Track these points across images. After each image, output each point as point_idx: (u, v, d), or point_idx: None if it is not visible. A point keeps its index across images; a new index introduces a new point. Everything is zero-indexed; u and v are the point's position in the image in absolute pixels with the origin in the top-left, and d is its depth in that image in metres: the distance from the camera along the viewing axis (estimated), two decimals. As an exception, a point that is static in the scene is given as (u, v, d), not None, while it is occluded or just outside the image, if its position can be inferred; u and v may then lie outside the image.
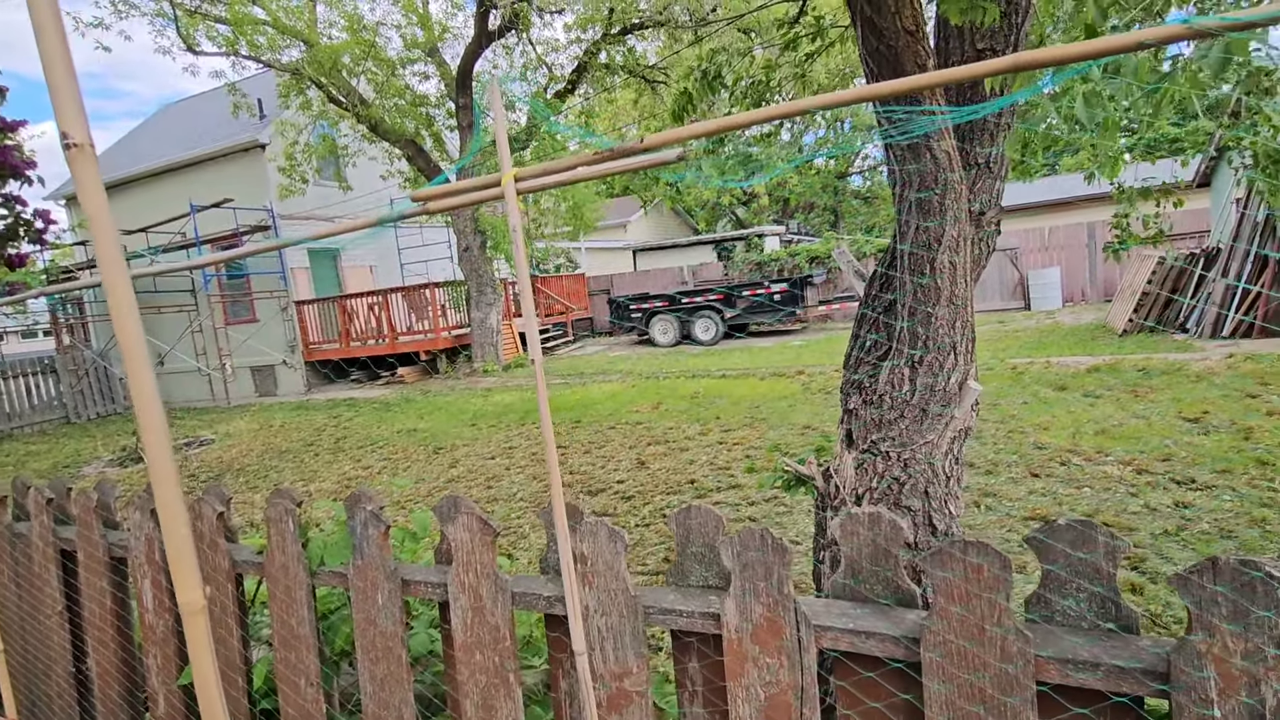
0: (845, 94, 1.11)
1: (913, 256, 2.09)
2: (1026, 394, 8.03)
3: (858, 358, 2.29)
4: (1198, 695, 0.93)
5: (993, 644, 1.05)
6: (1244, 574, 0.91)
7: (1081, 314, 15.37)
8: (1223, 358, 9.09)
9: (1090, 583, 1.07)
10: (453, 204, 1.02)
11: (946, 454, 2.00)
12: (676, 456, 6.58)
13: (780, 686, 1.19)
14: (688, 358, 14.40)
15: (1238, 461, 5.04)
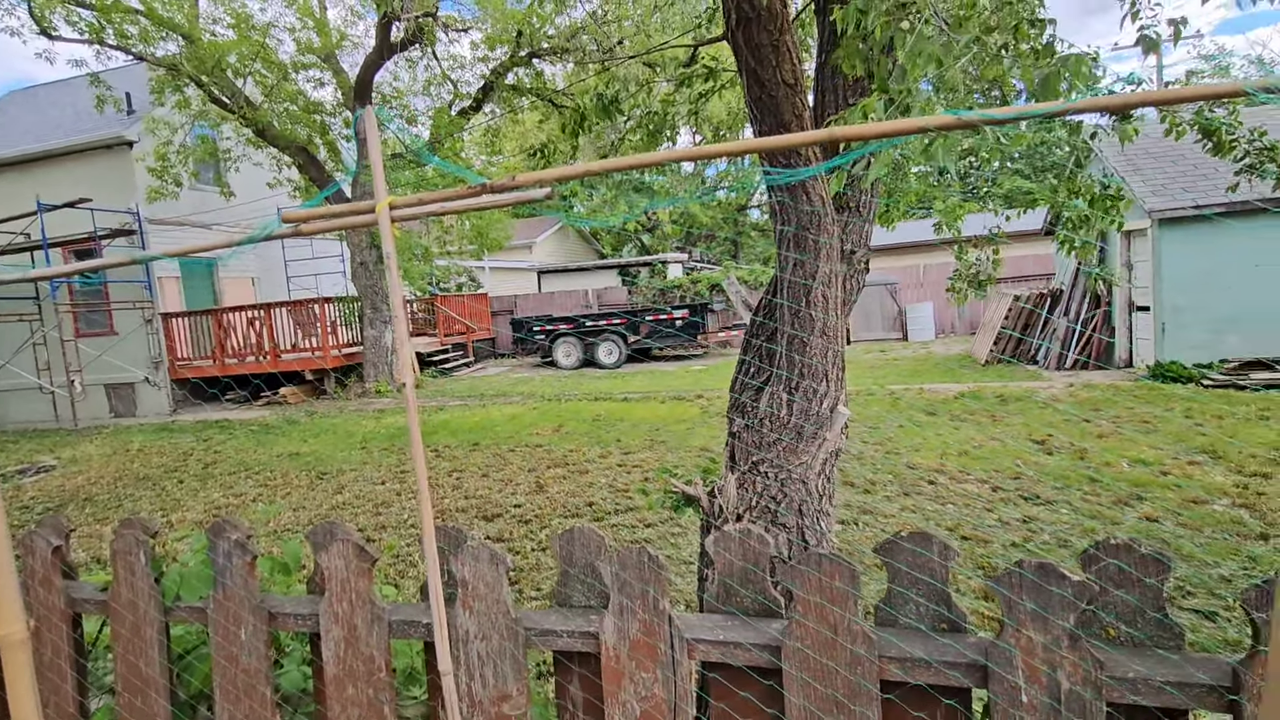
0: (713, 148, 1.21)
1: (791, 288, 2.25)
2: (903, 418, 8.68)
3: (742, 382, 2.42)
4: (1009, 683, 1.06)
5: (843, 647, 1.14)
6: (1047, 575, 1.05)
7: (951, 345, 16.83)
8: (1065, 387, 10.25)
9: (928, 589, 1.19)
10: (325, 227, 1.01)
11: (820, 474, 2.15)
12: (576, 479, 6.56)
13: (655, 701, 1.23)
14: (590, 380, 14.43)
15: (1073, 479, 5.69)
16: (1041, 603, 1.05)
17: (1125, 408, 8.46)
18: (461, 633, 1.35)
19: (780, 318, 2.29)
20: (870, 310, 19.41)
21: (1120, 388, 9.82)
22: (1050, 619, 1.04)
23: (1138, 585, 1.09)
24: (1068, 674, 1.04)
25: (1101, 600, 1.12)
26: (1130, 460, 6.11)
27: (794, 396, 2.16)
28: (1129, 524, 4.63)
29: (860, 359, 15.90)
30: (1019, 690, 1.06)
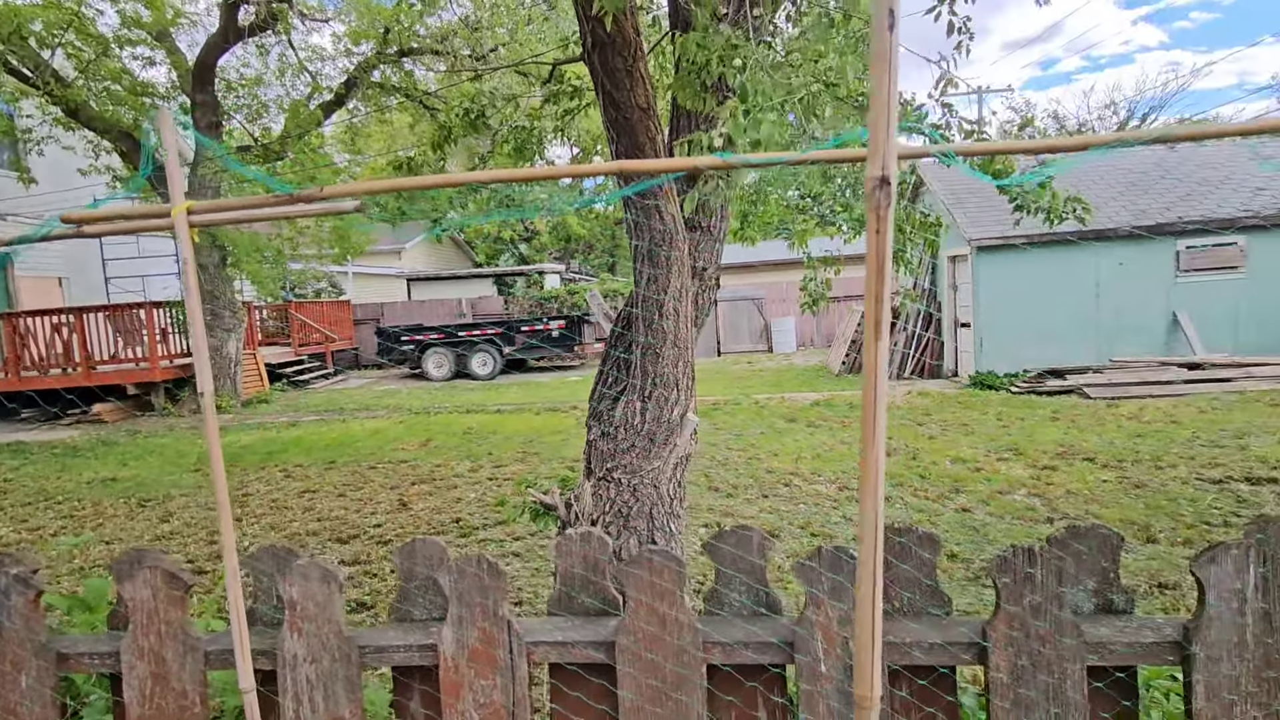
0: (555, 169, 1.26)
1: (645, 302, 2.36)
2: (764, 425, 9.22)
3: (600, 392, 2.49)
4: (812, 656, 1.19)
5: (672, 634, 1.22)
6: (839, 557, 1.19)
7: (810, 357, 18.12)
8: (904, 395, 11.38)
9: (748, 579, 1.31)
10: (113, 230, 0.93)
11: (670, 478, 2.26)
12: (443, 495, 6.34)
13: (494, 708, 1.25)
14: (463, 392, 14.00)
15: (907, 477, 6.34)
16: (836, 583, 1.19)
17: (951, 413, 9.54)
18: (289, 657, 1.29)
19: (636, 330, 2.39)
20: (738, 324, 20.46)
21: (947, 395, 11.07)
22: (844, 596, 1.19)
23: (915, 559, 1.26)
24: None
25: (889, 575, 1.28)
26: (952, 459, 6.91)
27: (648, 405, 2.26)
28: (948, 514, 5.24)
29: (729, 370, 16.69)
30: (818, 662, 1.19)
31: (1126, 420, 8.40)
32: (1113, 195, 12.48)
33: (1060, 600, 1.15)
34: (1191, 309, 11.53)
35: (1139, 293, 11.68)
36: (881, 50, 0.80)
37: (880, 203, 0.82)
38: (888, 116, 0.80)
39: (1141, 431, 7.70)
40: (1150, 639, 1.15)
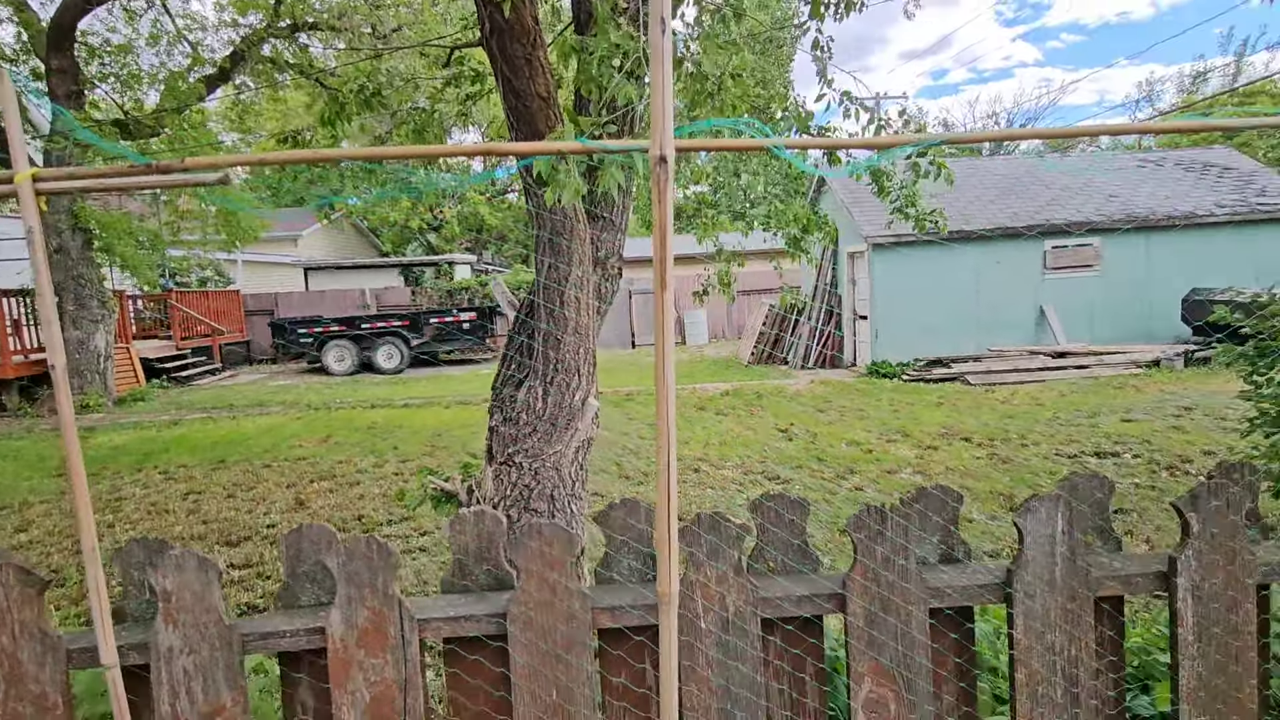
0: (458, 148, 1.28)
1: (547, 290, 2.39)
2: (676, 414, 9.43)
3: (504, 378, 2.50)
4: (692, 613, 1.28)
5: (563, 601, 1.28)
6: (717, 523, 1.29)
7: (722, 348, 18.64)
8: (808, 383, 11.95)
9: (636, 547, 1.38)
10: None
11: (573, 462, 2.31)
12: (345, 492, 6.10)
13: (385, 684, 1.26)
14: (368, 387, 13.43)
15: (807, 460, 6.70)
16: (714, 545, 1.28)
17: (848, 400, 10.13)
18: (164, 649, 1.24)
19: (538, 317, 2.41)
20: (652, 316, 20.72)
21: (846, 383, 11.73)
22: (722, 557, 1.28)
23: (787, 523, 1.38)
24: (734, 599, 1.28)
25: (765, 538, 1.39)
26: (848, 442, 7.36)
27: (550, 390, 2.30)
28: (843, 493, 5.60)
29: (643, 362, 16.90)
30: (699, 615, 1.28)
31: (1000, 404, 9.23)
32: (991, 199, 13.60)
33: (906, 552, 1.29)
34: (1056, 303, 12.78)
35: (1012, 289, 12.81)
36: (657, 50, 0.91)
37: (660, 178, 0.95)
38: (663, 107, 0.91)
39: (1012, 413, 8.49)
40: (981, 581, 1.32)
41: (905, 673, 1.29)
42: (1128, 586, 1.33)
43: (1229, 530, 1.30)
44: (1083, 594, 1.30)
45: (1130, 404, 8.65)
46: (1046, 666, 1.30)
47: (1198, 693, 1.30)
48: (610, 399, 10.99)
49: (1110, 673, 1.37)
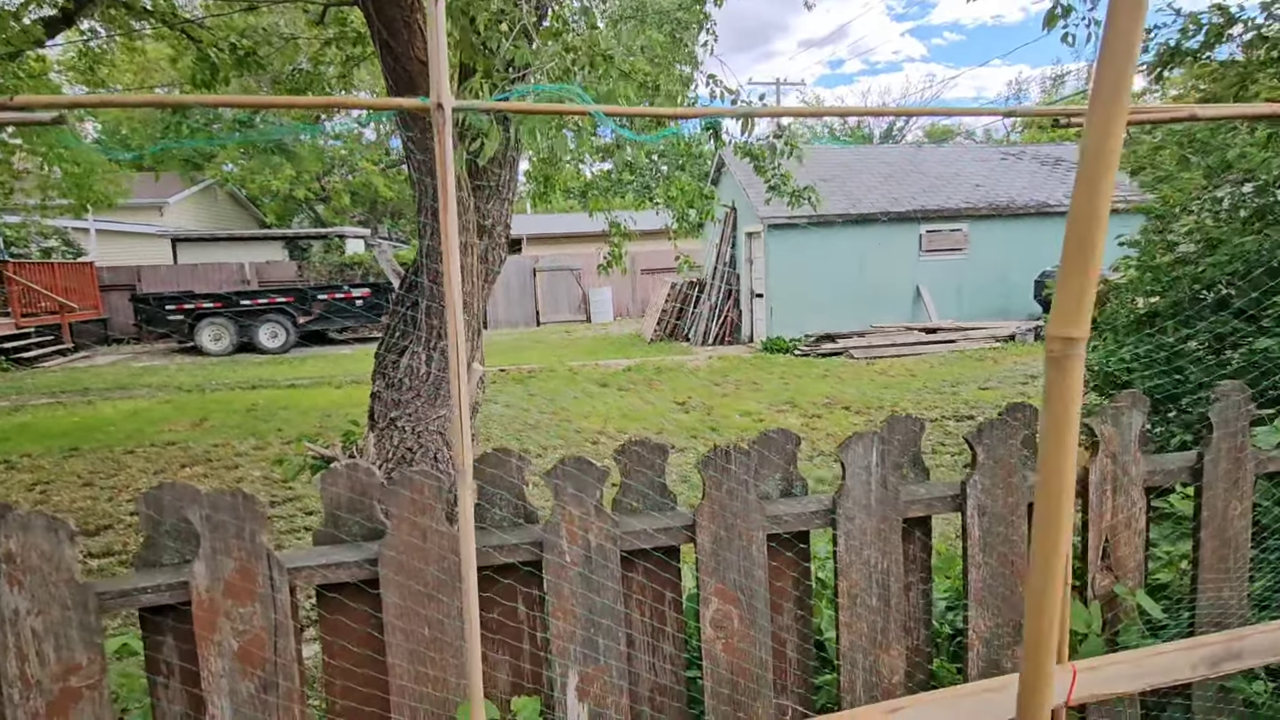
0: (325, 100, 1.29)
1: (429, 257, 2.40)
2: (578, 390, 9.54)
3: (388, 346, 2.50)
4: (557, 551, 1.39)
5: (434, 544, 1.35)
6: (580, 465, 1.40)
7: (626, 326, 18.86)
8: (707, 359, 12.38)
9: (509, 493, 1.47)
10: None
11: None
12: (222, 476, 5.77)
13: (255, 630, 1.29)
14: (249, 367, 12.59)
15: (701, 430, 7.01)
16: (578, 485, 1.40)
17: (744, 373, 10.61)
18: (9, 613, 1.21)
19: (421, 285, 2.42)
20: (557, 294, 20.62)
21: (743, 358, 12.26)
22: (585, 500, 1.40)
23: (649, 466, 1.52)
24: (595, 535, 1.41)
25: (630, 480, 1.52)
26: (740, 413, 7.75)
27: (433, 355, 2.33)
28: (732, 460, 5.93)
29: (548, 339, 16.83)
30: (564, 553, 1.40)
31: (878, 375, 9.99)
32: (874, 185, 14.51)
33: (748, 486, 1.47)
34: (929, 283, 13.89)
35: (893, 268, 13.79)
36: (435, 14, 1.02)
37: (439, 123, 1.13)
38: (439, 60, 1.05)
39: (888, 384, 9.22)
40: (812, 509, 1.52)
41: (746, 592, 1.47)
42: (930, 508, 1.57)
43: (1007, 459, 1.56)
44: (893, 516, 1.52)
45: (988, 374, 9.62)
46: (864, 578, 1.52)
47: (982, 594, 1.57)
48: (513, 376, 10.92)
49: (920, 582, 1.62)
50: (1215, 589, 1.65)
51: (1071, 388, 0.50)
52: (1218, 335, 3.50)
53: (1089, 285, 0.48)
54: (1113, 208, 2.55)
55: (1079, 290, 0.48)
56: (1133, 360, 3.55)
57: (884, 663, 1.55)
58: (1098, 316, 4.17)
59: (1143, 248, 4.21)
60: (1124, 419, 1.60)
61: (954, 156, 16.21)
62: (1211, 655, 1.17)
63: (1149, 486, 1.65)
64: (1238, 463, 1.65)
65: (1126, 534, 1.62)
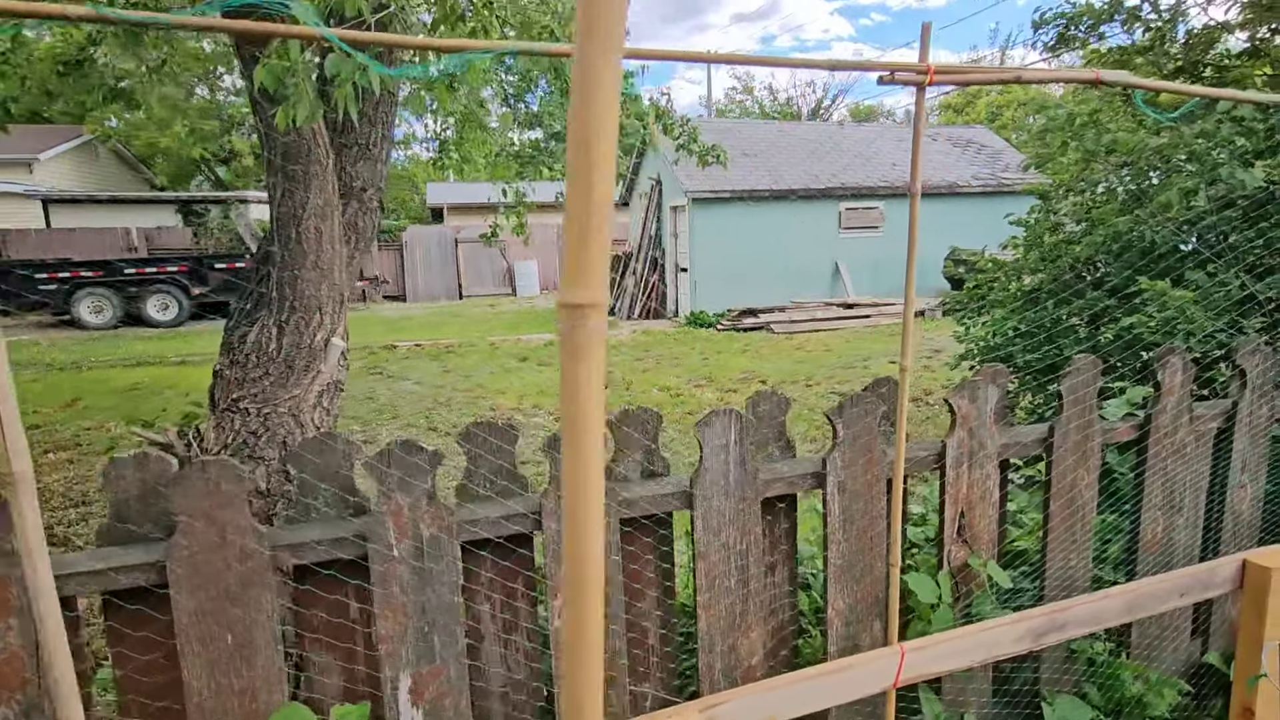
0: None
1: (281, 220, 2.17)
2: (495, 365, 9.28)
3: (237, 319, 2.26)
4: (384, 544, 1.27)
5: (235, 541, 1.19)
6: (408, 449, 1.27)
7: (552, 299, 18.54)
8: (631, 333, 12.32)
9: (333, 482, 1.32)
10: None
11: (315, 406, 2.17)
12: (89, 463, 5.26)
13: (10, 652, 1.11)
14: (133, 342, 11.59)
15: (615, 405, 6.94)
16: (407, 472, 1.27)
17: (666, 348, 10.61)
18: None
19: (274, 252, 2.19)
20: (480, 266, 20.01)
21: (667, 333, 12.27)
22: (413, 487, 1.27)
23: (496, 450, 1.40)
24: (428, 525, 1.29)
25: (476, 465, 1.41)
26: (658, 388, 7.74)
27: (285, 329, 2.12)
28: (646, 435, 5.90)
29: (469, 313, 16.34)
30: (391, 546, 1.27)
31: (795, 350, 10.21)
32: (796, 162, 14.69)
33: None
34: (848, 260, 14.27)
35: (813, 245, 14.08)
36: None
37: None
38: None
39: (804, 359, 9.43)
40: (669, 490, 1.45)
41: (598, 579, 1.40)
42: (792, 486, 1.53)
43: (867, 434, 1.54)
44: (751, 495, 1.48)
45: (898, 349, 9.99)
46: (723, 560, 1.47)
47: (841, 571, 1.55)
48: (428, 351, 10.52)
49: (785, 560, 1.59)
50: (1063, 556, 1.71)
51: (591, 372, 0.37)
52: (1094, 312, 3.69)
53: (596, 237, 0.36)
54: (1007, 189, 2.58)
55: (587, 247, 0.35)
56: (1015, 335, 3.70)
57: (744, 645, 1.51)
58: (985, 293, 4.33)
59: (1030, 227, 4.39)
60: (981, 394, 1.60)
61: (873, 136, 16.62)
62: (1036, 628, 1.19)
63: (1005, 460, 1.67)
64: (1086, 435, 1.70)
65: (982, 506, 1.64)
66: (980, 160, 15.73)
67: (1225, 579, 1.27)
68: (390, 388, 8.05)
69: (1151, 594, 1.25)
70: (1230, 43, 4.69)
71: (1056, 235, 4.26)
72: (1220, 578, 1.27)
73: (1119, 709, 1.67)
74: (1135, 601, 1.24)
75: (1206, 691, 1.82)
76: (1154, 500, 1.77)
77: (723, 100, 40.07)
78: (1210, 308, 2.94)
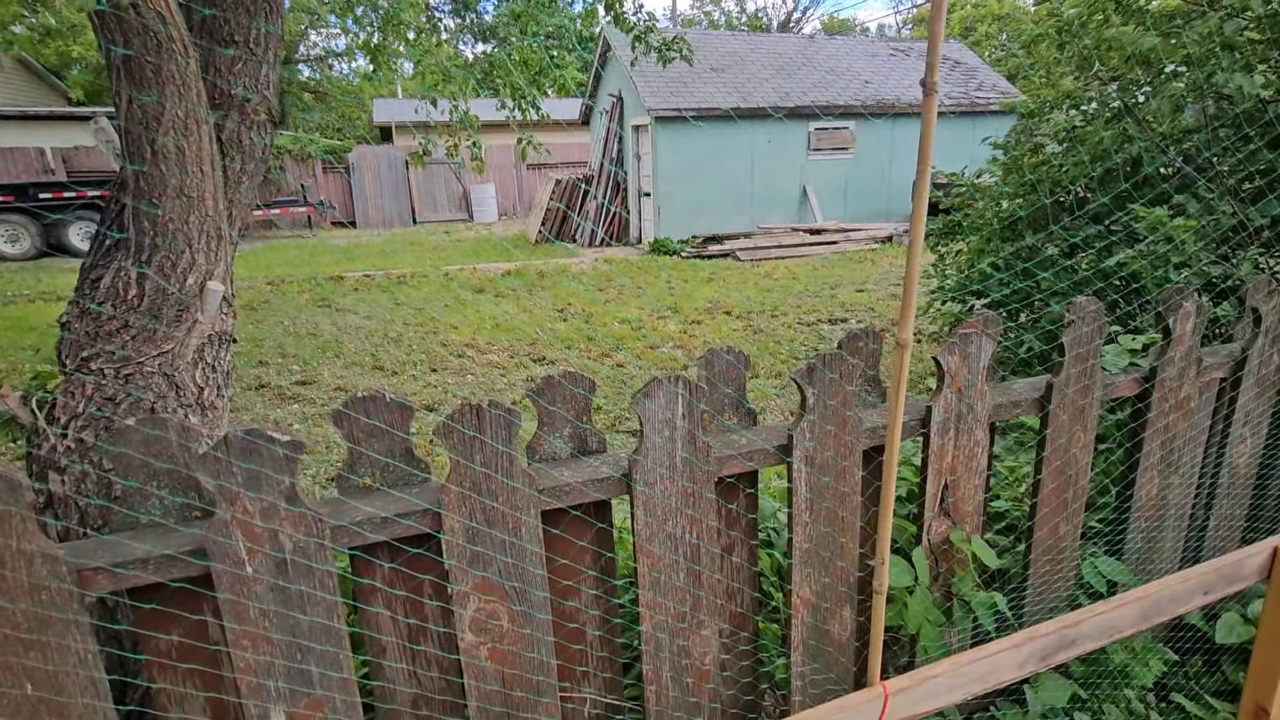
0: None
1: (130, 138, 1.76)
2: (449, 297, 8.83)
3: (92, 260, 1.87)
4: (233, 558, 0.99)
5: (17, 572, 0.90)
6: (255, 445, 0.98)
7: (511, 226, 17.78)
8: (592, 262, 11.86)
9: (166, 479, 1.03)
10: None
11: (195, 363, 1.83)
12: None
13: None
14: (56, 274, 10.73)
15: (578, 339, 6.66)
16: (253, 473, 0.98)
17: (629, 277, 10.24)
18: None
19: (127, 175, 1.79)
20: (435, 191, 18.99)
21: (630, 261, 11.85)
22: (264, 486, 0.99)
23: (384, 432, 1.12)
24: (291, 532, 1.01)
25: (357, 451, 1.12)
26: (620, 320, 7.44)
27: (146, 272, 1.75)
28: (605, 370, 5.66)
29: (424, 240, 15.58)
30: (242, 562, 0.99)
31: (762, 278, 9.94)
32: (765, 78, 13.94)
33: (510, 456, 1.11)
34: (816, 183, 13.85)
35: (781, 168, 13.58)
36: None
37: None
38: None
39: (770, 287, 9.19)
40: (603, 475, 1.19)
41: (518, 584, 1.15)
42: (752, 462, 1.29)
43: (842, 400, 1.29)
44: (703, 476, 1.23)
45: (865, 276, 9.81)
46: (670, 551, 1.24)
47: (809, 553, 1.34)
48: (379, 283, 9.97)
49: (744, 543, 1.37)
50: (1052, 523, 1.53)
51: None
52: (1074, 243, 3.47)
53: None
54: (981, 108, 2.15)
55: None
56: (991, 267, 3.48)
57: (696, 644, 1.31)
58: (963, 220, 4.07)
59: (1008, 149, 4.09)
60: (972, 348, 1.36)
61: (844, 51, 15.83)
62: (1041, 649, 1.00)
63: (994, 421, 1.45)
64: (1086, 390, 1.48)
65: (968, 476, 1.43)
66: (954, 78, 15.17)
67: (1253, 571, 1.10)
68: (336, 322, 7.60)
69: (1172, 595, 1.07)
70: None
71: (1036, 158, 3.99)
72: (1248, 570, 1.10)
73: (1102, 680, 1.54)
74: (1153, 607, 1.06)
75: (1187, 649, 1.71)
76: (1152, 459, 1.59)
77: (690, 10, 37.87)
78: (1202, 239, 2.73)
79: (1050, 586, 1.53)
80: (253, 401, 5.06)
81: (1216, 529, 1.74)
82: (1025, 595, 1.51)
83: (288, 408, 4.93)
